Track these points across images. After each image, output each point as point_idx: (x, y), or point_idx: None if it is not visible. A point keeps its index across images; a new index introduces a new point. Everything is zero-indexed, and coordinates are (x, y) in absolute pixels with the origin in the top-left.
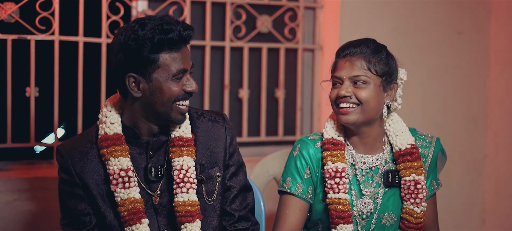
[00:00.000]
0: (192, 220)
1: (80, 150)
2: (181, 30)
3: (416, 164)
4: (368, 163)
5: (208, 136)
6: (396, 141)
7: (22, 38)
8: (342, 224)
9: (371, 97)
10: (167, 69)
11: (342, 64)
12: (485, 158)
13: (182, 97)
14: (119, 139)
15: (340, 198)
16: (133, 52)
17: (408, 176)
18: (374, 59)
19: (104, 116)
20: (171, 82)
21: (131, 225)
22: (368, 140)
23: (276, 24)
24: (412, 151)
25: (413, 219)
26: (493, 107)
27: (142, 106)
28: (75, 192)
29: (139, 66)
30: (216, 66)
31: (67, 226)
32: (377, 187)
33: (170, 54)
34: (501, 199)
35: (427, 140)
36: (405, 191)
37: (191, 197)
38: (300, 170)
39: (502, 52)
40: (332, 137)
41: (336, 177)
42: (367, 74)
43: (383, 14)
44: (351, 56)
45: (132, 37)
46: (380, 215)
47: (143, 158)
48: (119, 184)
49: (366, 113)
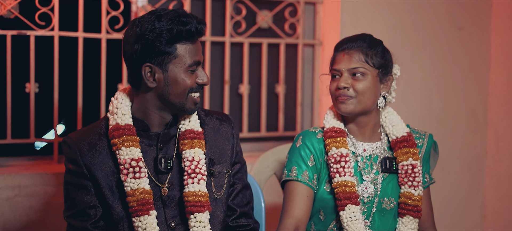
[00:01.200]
0: (202, 210)
1: (89, 142)
2: (196, 23)
3: (412, 150)
4: (369, 151)
5: (216, 133)
6: (393, 130)
7: (22, 34)
8: (350, 205)
9: (368, 88)
10: (183, 60)
11: (340, 57)
12: (486, 154)
13: (195, 89)
14: (130, 129)
15: (347, 180)
16: (150, 42)
17: (406, 161)
18: (371, 52)
19: (115, 107)
20: (185, 74)
21: (140, 215)
22: (366, 129)
23: (276, 19)
24: (408, 137)
25: (411, 201)
26: (494, 103)
27: (156, 97)
28: (82, 183)
29: (155, 56)
30: (216, 61)
31: (71, 217)
32: (376, 174)
33: (186, 46)
34: (501, 194)
35: (421, 133)
36: (403, 175)
37: (202, 188)
38: (305, 158)
39: (503, 47)
40: (333, 126)
41: (341, 161)
42: (364, 66)
43: (383, 10)
44: (349, 49)
45: (149, 28)
46: (381, 199)
47: (153, 150)
48: (130, 173)
49: (362, 103)
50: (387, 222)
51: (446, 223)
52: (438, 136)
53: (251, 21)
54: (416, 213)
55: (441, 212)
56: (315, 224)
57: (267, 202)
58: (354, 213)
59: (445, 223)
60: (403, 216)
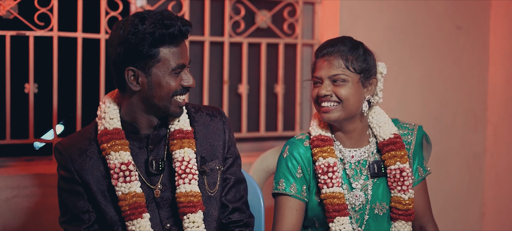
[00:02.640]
0: (195, 210)
1: (79, 147)
2: (180, 25)
3: (400, 153)
4: (356, 157)
5: (207, 130)
6: (380, 132)
7: (21, 34)
8: (338, 217)
9: (351, 94)
10: (167, 64)
11: (320, 64)
12: (485, 152)
13: (180, 92)
14: (119, 133)
15: (335, 192)
16: (133, 46)
17: (393, 165)
18: (352, 57)
19: (103, 112)
20: (170, 77)
21: (132, 219)
22: (353, 135)
23: (275, 19)
24: (395, 140)
25: (401, 206)
26: (493, 102)
27: (141, 100)
28: (75, 189)
29: (138, 60)
30: (215, 61)
31: (66, 223)
32: (366, 179)
33: (170, 49)
34: (500, 193)
35: (410, 128)
36: (392, 180)
37: (193, 188)
38: (292, 170)
39: (502, 46)
40: (320, 134)
41: (329, 171)
42: (345, 72)
43: (382, 9)
44: (329, 55)
45: (132, 31)
46: (372, 206)
47: (143, 152)
48: (120, 178)
49: (346, 110)
50: (382, 226)
51: (445, 221)
52: (437, 134)
53: (250, 21)
54: (407, 217)
55: (440, 210)
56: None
57: (266, 202)
58: (343, 225)
59: (444, 221)
60: (395, 220)
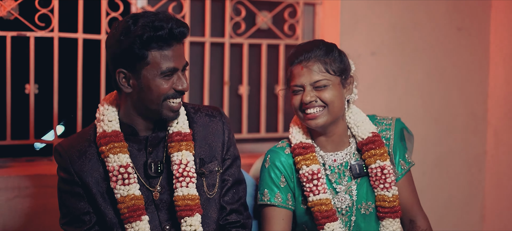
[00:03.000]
0: (192, 214)
1: (79, 149)
2: (173, 27)
3: (379, 151)
4: (338, 160)
5: (206, 130)
6: (358, 132)
7: (22, 35)
8: (328, 223)
9: (335, 96)
10: (156, 67)
11: (298, 71)
12: (485, 154)
13: (172, 96)
14: (117, 136)
15: (322, 198)
16: (123, 47)
17: (374, 163)
18: (329, 59)
19: (101, 114)
20: (160, 80)
21: (131, 222)
22: (335, 138)
23: (275, 20)
24: (374, 139)
25: (386, 203)
26: (493, 103)
27: (134, 103)
28: (75, 190)
29: (128, 62)
30: (216, 62)
31: (67, 225)
32: (349, 181)
33: (160, 52)
34: (501, 195)
35: (387, 123)
36: (374, 179)
37: (191, 191)
38: (275, 180)
39: (502, 48)
40: (301, 141)
41: (313, 179)
42: (326, 76)
43: (382, 10)
44: (307, 61)
45: (124, 33)
46: (358, 206)
47: (142, 154)
48: (119, 180)
49: (333, 113)
50: (371, 225)
51: (445, 223)
52: (438, 136)
53: (251, 22)
54: (394, 213)
55: (441, 212)
56: None
57: None
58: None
59: (445, 223)
60: (382, 219)
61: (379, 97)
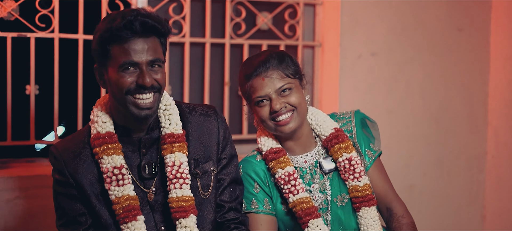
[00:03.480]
0: (186, 215)
1: (73, 150)
2: (131, 20)
3: (344, 144)
4: (309, 161)
5: (200, 130)
6: (321, 130)
7: (22, 36)
8: (312, 220)
9: (300, 98)
10: (116, 60)
11: (260, 83)
12: (486, 154)
13: (134, 91)
14: (111, 137)
15: (301, 197)
16: (95, 43)
17: (340, 157)
18: (284, 65)
19: (95, 116)
20: (120, 73)
21: (127, 222)
22: (302, 140)
23: (276, 21)
24: (336, 133)
25: (359, 193)
26: (494, 104)
27: (112, 97)
28: (70, 192)
29: (98, 57)
30: (216, 63)
31: (63, 226)
32: (321, 178)
33: (120, 46)
34: (501, 195)
35: (347, 117)
36: (343, 171)
37: (185, 193)
38: (249, 189)
39: (503, 48)
40: (271, 147)
41: (291, 180)
42: (288, 81)
43: (383, 11)
44: (266, 72)
45: (97, 29)
46: (334, 200)
47: (136, 155)
48: (113, 182)
49: (301, 115)
50: (350, 215)
51: (446, 223)
52: (438, 136)
53: (251, 22)
54: (369, 202)
55: (441, 212)
56: None
57: None
58: (318, 226)
59: (445, 223)
60: (359, 209)
61: (380, 97)
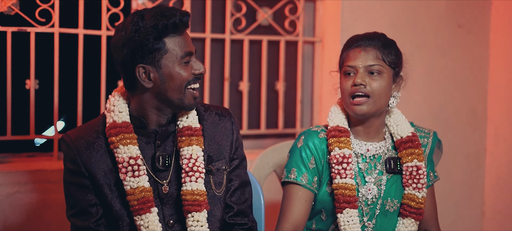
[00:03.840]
0: (200, 209)
1: (86, 140)
2: (181, 15)
3: (417, 151)
4: (372, 151)
5: (215, 129)
6: (398, 130)
7: (22, 30)
8: (348, 209)
9: (383, 88)
10: (174, 53)
11: (355, 53)
12: (485, 151)
13: (192, 81)
14: (127, 127)
15: (347, 183)
16: (138, 43)
17: (410, 162)
18: (386, 51)
19: (112, 105)
20: (180, 67)
21: (141, 214)
22: (371, 129)
23: (276, 16)
24: (413, 138)
25: (414, 204)
26: (493, 100)
27: (154, 96)
28: (82, 182)
29: (146, 55)
30: (216, 58)
31: (74, 217)
32: (380, 174)
33: (175, 38)
34: (501, 191)
35: (426, 131)
36: (407, 177)
37: (200, 186)
38: (305, 160)
39: (502, 45)
40: (338, 124)
41: (343, 162)
42: (381, 64)
43: (383, 7)
44: (366, 46)
45: (134, 29)
46: (384, 201)
47: (151, 147)
48: (129, 172)
49: (378, 104)
50: (391, 223)
51: (445, 220)
52: (438, 133)
53: (251, 18)
54: (418, 215)
55: (441, 209)
56: (317, 222)
57: (267, 199)
58: (352, 217)
59: (445, 220)
60: (404, 217)
61: None
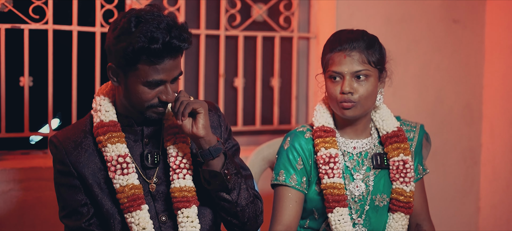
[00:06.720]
0: (189, 205)
1: (74, 140)
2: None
3: (403, 145)
4: (358, 148)
5: None
6: (383, 125)
7: (16, 27)
8: (338, 207)
9: (371, 92)
10: (143, 75)
11: (340, 59)
12: (481, 146)
13: (156, 105)
14: (115, 126)
15: (335, 182)
16: (118, 46)
17: (397, 156)
18: (371, 51)
19: (98, 104)
20: (144, 88)
21: (131, 211)
22: (358, 127)
23: (271, 12)
24: (398, 133)
25: (403, 198)
26: (489, 96)
27: (123, 96)
28: (72, 182)
29: (119, 61)
30: (211, 55)
31: (66, 218)
32: (368, 171)
33: (151, 63)
34: (496, 187)
35: (412, 125)
36: (394, 171)
37: (188, 183)
38: (292, 162)
39: (498, 40)
40: (323, 125)
41: (330, 162)
42: (367, 67)
43: (378, 2)
44: (351, 51)
45: (123, 32)
46: (373, 197)
47: (139, 145)
48: (117, 170)
49: (365, 106)
50: (382, 218)
51: (441, 216)
52: (433, 128)
53: (246, 14)
54: (407, 209)
55: (436, 205)
56: (310, 221)
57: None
58: (342, 216)
59: (440, 216)
60: (394, 212)
61: None
